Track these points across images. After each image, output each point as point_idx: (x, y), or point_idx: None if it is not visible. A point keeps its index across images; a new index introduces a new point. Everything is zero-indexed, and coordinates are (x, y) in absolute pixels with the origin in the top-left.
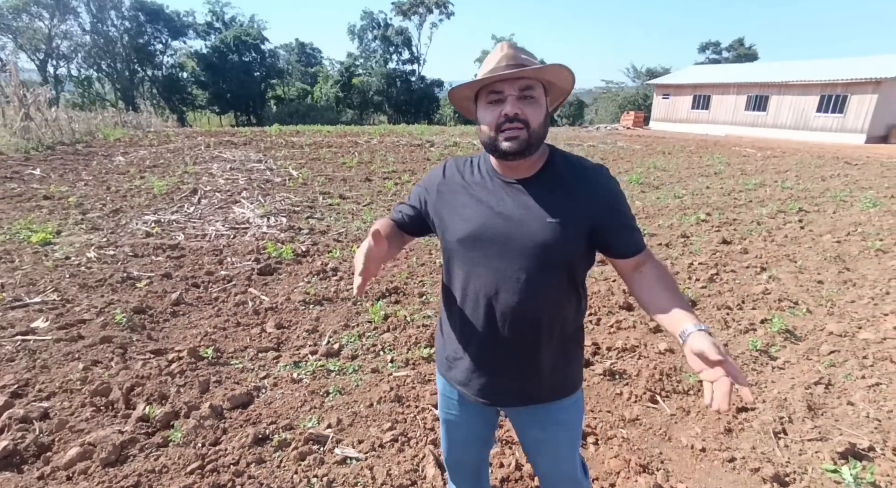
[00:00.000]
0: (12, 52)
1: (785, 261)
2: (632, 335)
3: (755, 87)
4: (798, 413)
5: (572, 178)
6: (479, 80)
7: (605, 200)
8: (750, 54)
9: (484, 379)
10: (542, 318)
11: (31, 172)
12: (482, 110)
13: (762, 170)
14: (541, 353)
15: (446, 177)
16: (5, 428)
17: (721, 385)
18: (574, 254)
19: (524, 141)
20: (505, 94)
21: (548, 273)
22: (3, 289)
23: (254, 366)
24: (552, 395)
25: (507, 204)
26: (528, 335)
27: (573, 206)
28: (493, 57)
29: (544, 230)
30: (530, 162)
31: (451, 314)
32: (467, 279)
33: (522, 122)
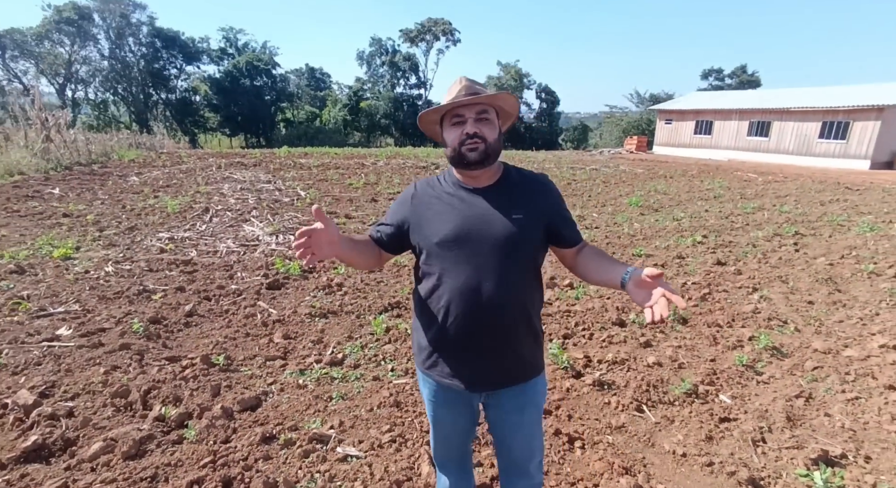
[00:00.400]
0: (34, 76)
1: (777, 282)
2: (622, 349)
3: (757, 113)
4: (777, 423)
5: (524, 185)
6: (445, 105)
7: (551, 200)
8: (753, 81)
9: (471, 366)
10: (516, 304)
11: (51, 191)
12: (447, 131)
13: (762, 195)
14: (518, 336)
15: (418, 192)
16: (34, 425)
17: (659, 302)
18: (536, 244)
19: (483, 152)
20: (465, 116)
21: (518, 263)
22: (29, 300)
23: (262, 373)
24: (529, 374)
25: (475, 208)
26: (507, 320)
27: (529, 205)
28: (454, 88)
29: (510, 226)
30: (490, 173)
31: (432, 314)
32: (448, 277)
33: (481, 138)
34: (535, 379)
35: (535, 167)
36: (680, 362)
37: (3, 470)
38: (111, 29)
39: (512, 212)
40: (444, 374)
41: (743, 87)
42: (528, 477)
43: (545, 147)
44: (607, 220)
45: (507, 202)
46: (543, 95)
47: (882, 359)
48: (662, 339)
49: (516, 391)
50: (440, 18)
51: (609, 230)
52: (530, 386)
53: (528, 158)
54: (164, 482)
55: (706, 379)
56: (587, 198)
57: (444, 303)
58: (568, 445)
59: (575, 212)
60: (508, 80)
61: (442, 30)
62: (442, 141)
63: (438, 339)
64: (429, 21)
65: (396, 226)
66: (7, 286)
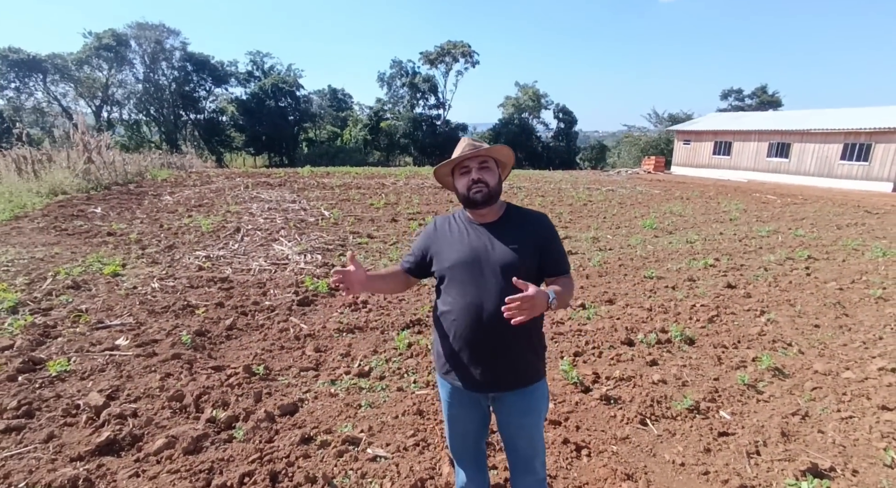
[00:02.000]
0: (73, 99)
1: (785, 305)
2: (629, 367)
3: (776, 135)
4: (772, 438)
5: (523, 221)
6: (453, 159)
7: (545, 235)
8: (773, 101)
9: (479, 369)
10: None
11: (94, 210)
12: (458, 180)
13: (778, 218)
14: (516, 346)
15: (437, 228)
16: (105, 423)
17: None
18: (530, 268)
19: (486, 194)
20: (470, 167)
21: (510, 282)
22: (88, 313)
23: (297, 382)
24: (528, 380)
25: (481, 239)
26: (505, 333)
27: (526, 237)
28: (459, 147)
29: (508, 254)
30: (493, 211)
31: (447, 326)
32: (458, 296)
33: (484, 183)
34: (536, 386)
35: (551, 187)
36: (684, 380)
37: (81, 461)
38: (146, 54)
39: (510, 243)
40: (455, 378)
41: (763, 107)
42: (533, 472)
43: (562, 166)
44: (621, 242)
45: (507, 235)
46: (561, 115)
47: (879, 382)
48: (668, 359)
49: (518, 396)
50: (459, 41)
51: (622, 252)
52: (530, 392)
53: (544, 178)
54: (219, 474)
55: (708, 397)
56: (602, 220)
57: (454, 318)
58: (575, 453)
59: (589, 233)
60: (526, 101)
61: (461, 52)
62: (454, 189)
63: (450, 348)
64: (448, 44)
65: (421, 256)
66: (67, 300)
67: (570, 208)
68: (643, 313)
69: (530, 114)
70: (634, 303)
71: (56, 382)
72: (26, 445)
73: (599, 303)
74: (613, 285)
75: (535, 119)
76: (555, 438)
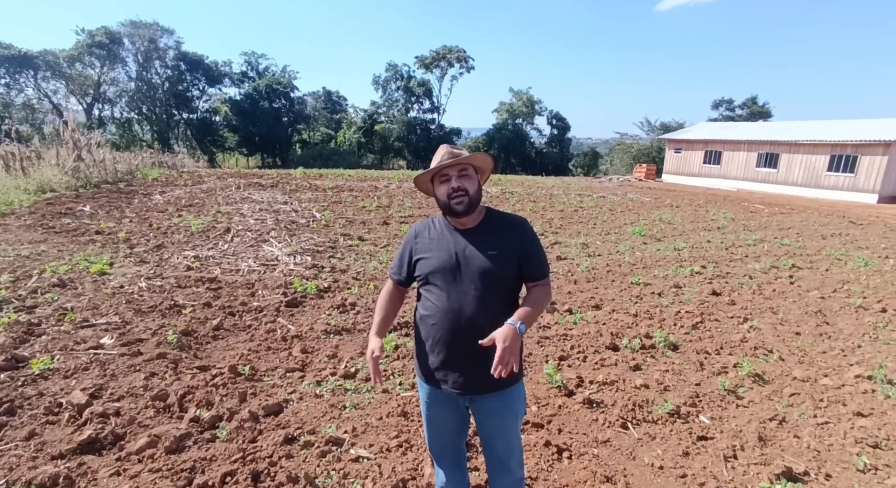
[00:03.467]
0: (63, 96)
1: (768, 313)
2: (613, 371)
3: (766, 145)
4: (750, 442)
5: (503, 226)
6: (434, 168)
7: (523, 240)
8: (763, 112)
9: (457, 372)
10: (491, 323)
11: (82, 209)
12: (437, 188)
13: (765, 227)
14: (494, 349)
15: (417, 235)
16: (87, 421)
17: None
18: (508, 275)
19: (467, 203)
20: (450, 175)
21: (492, 290)
22: (73, 311)
23: (283, 383)
24: (505, 383)
25: (459, 245)
26: (477, 332)
27: (505, 243)
28: (438, 155)
29: (486, 260)
30: (473, 217)
31: (426, 330)
32: (437, 300)
33: (463, 190)
34: (512, 388)
35: (543, 193)
36: (666, 385)
37: (62, 460)
38: (139, 52)
39: (488, 249)
40: (434, 379)
41: (753, 118)
42: (509, 472)
43: (555, 172)
44: (610, 249)
45: (486, 241)
46: (555, 122)
47: (855, 388)
48: (652, 364)
49: (495, 398)
50: (455, 46)
51: (611, 258)
52: (507, 393)
53: (536, 184)
54: (201, 473)
55: (689, 402)
56: (592, 226)
57: (433, 322)
58: (556, 455)
59: (579, 239)
60: (520, 107)
61: (456, 57)
62: (434, 196)
63: (429, 352)
64: (444, 48)
65: (406, 264)
66: (52, 298)
67: (561, 214)
68: (629, 319)
69: (524, 119)
70: (621, 309)
71: (39, 380)
72: (7, 443)
73: (586, 308)
74: (601, 291)
75: (528, 125)
76: (536, 440)
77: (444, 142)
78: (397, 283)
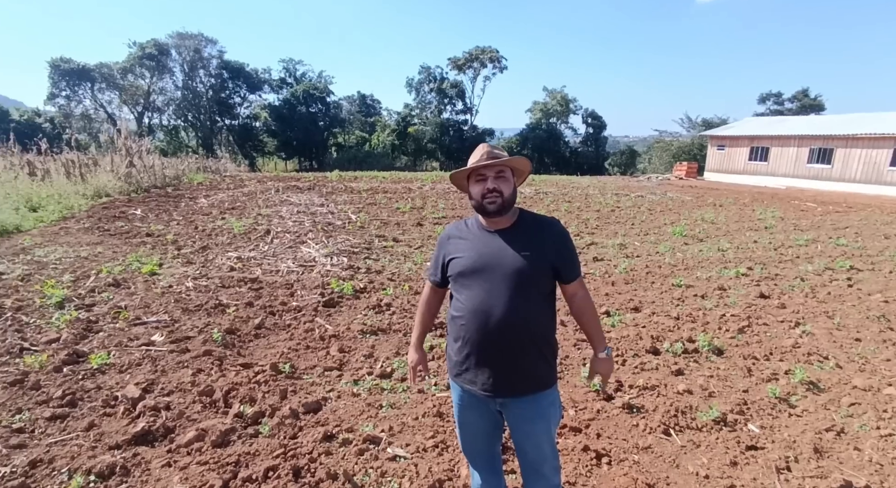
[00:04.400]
0: (117, 106)
1: (823, 317)
2: (654, 376)
3: (818, 140)
4: (805, 454)
5: (536, 226)
6: (471, 167)
7: (556, 241)
8: (815, 105)
9: (486, 373)
10: (522, 325)
11: (134, 212)
12: (472, 186)
13: (818, 226)
14: (524, 353)
15: (450, 236)
16: (140, 414)
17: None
18: (541, 275)
19: (500, 204)
20: (486, 175)
21: (524, 291)
22: (126, 310)
23: (321, 381)
24: (536, 387)
25: (492, 246)
26: (513, 339)
27: (538, 244)
28: (477, 153)
29: (518, 261)
30: (506, 218)
31: (457, 330)
32: (468, 301)
33: (499, 192)
34: (544, 393)
35: (578, 193)
36: (710, 391)
37: (119, 450)
38: (185, 62)
39: (522, 250)
40: (465, 381)
41: (805, 111)
42: (543, 478)
43: (591, 172)
44: (649, 250)
45: (519, 241)
46: (590, 120)
47: None
48: (695, 369)
49: (526, 402)
50: (487, 46)
51: (650, 259)
52: (539, 399)
53: (571, 183)
54: (245, 467)
55: (736, 409)
56: (630, 226)
57: (463, 322)
58: (595, 461)
59: (616, 240)
60: (554, 106)
61: (489, 57)
62: (468, 193)
63: (459, 352)
64: (476, 49)
65: (441, 265)
66: (108, 297)
67: (598, 214)
68: (670, 322)
69: (558, 119)
70: (661, 312)
71: (97, 374)
72: (69, 433)
73: (625, 311)
74: (640, 293)
75: (563, 124)
76: (575, 445)
77: (476, 143)
78: (434, 285)
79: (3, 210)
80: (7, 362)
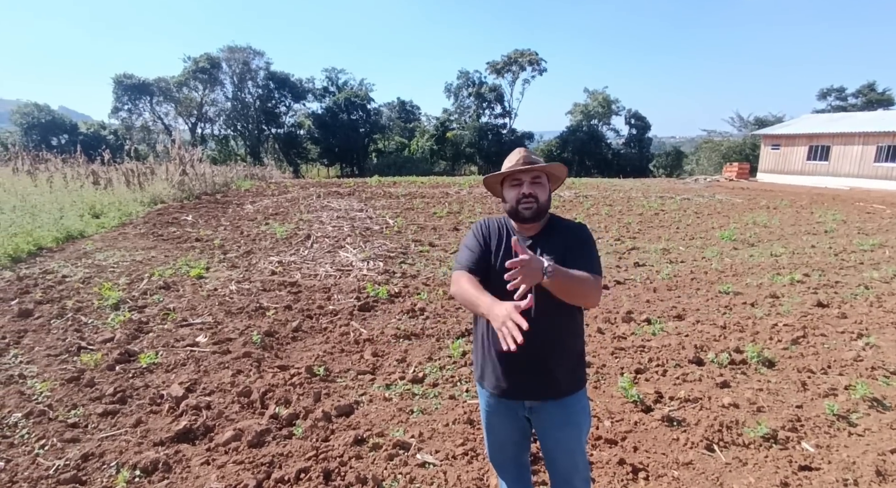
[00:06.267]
0: (173, 117)
1: (890, 328)
2: (696, 387)
3: (887, 137)
4: (865, 476)
5: (563, 232)
6: (507, 170)
7: (577, 240)
8: (884, 100)
9: (509, 380)
10: (548, 330)
11: (185, 218)
12: (507, 190)
13: (886, 230)
14: (550, 357)
15: (488, 230)
16: (183, 413)
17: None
18: None
19: (535, 210)
20: (522, 180)
21: (552, 297)
22: (174, 312)
23: (354, 385)
24: (562, 392)
25: None
26: (538, 343)
27: (564, 249)
28: (514, 157)
29: None
30: (537, 224)
31: (482, 333)
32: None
33: (534, 198)
34: (572, 399)
35: (620, 196)
36: (759, 406)
37: (162, 446)
38: (235, 74)
39: (551, 254)
40: (490, 385)
41: (871, 106)
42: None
43: (634, 174)
44: (695, 254)
45: (547, 246)
46: (633, 121)
47: None
48: (743, 381)
49: (555, 407)
50: (526, 49)
51: (696, 264)
52: (567, 404)
53: (613, 186)
54: (278, 468)
55: (788, 426)
56: (675, 230)
57: (489, 327)
58: (632, 475)
59: (660, 244)
60: (596, 107)
61: (528, 60)
62: (501, 197)
63: (484, 355)
64: (515, 52)
65: (480, 252)
66: (158, 299)
67: (640, 218)
68: (716, 331)
69: (600, 120)
70: (706, 320)
71: (145, 373)
72: (119, 428)
73: (667, 319)
74: (683, 300)
75: (604, 125)
76: (610, 458)
77: (515, 147)
78: (474, 272)
79: (69, 217)
80: (66, 360)
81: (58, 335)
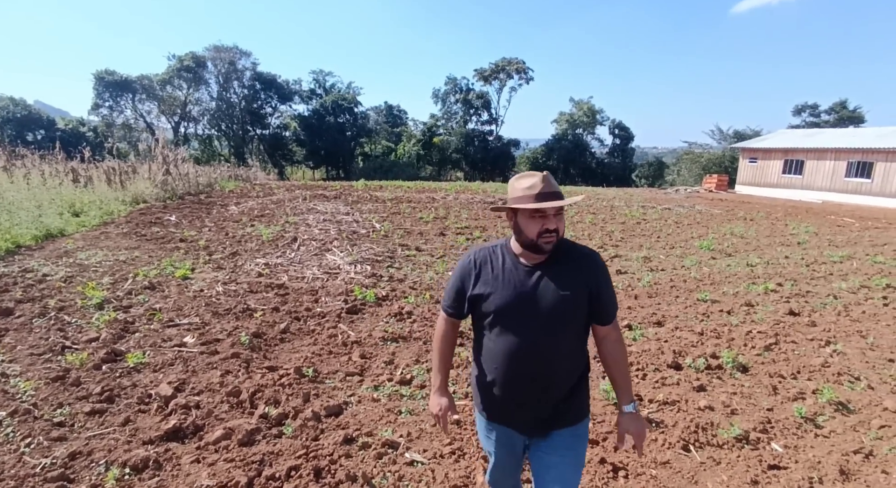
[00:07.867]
0: (155, 116)
1: (856, 336)
2: (675, 391)
3: (857, 153)
4: (829, 475)
5: (575, 260)
6: (542, 206)
7: (596, 278)
8: (855, 117)
9: (514, 415)
10: (558, 369)
11: (169, 218)
12: (526, 219)
13: (854, 243)
14: (558, 395)
15: (477, 266)
16: (172, 412)
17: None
18: (580, 315)
19: (555, 244)
20: (547, 213)
21: (563, 331)
22: (161, 312)
23: (343, 386)
24: (566, 423)
25: (530, 284)
26: (547, 382)
27: (578, 282)
28: (536, 185)
29: (558, 302)
30: None
31: (489, 370)
32: (501, 341)
33: (556, 232)
34: (573, 427)
35: (603, 205)
36: (733, 408)
37: (152, 445)
38: (220, 74)
39: (562, 288)
40: (493, 417)
41: (843, 123)
42: None
43: (617, 183)
44: (674, 263)
45: (558, 278)
46: (617, 131)
47: None
48: (718, 385)
49: (556, 436)
50: (514, 58)
51: (675, 273)
52: (568, 432)
53: (597, 195)
54: (269, 466)
55: (759, 427)
56: (656, 239)
57: (496, 365)
58: (612, 474)
59: (641, 252)
60: (581, 116)
61: (515, 68)
62: (511, 220)
63: (490, 390)
64: (503, 60)
65: (465, 297)
66: (144, 299)
67: (622, 226)
68: (693, 337)
69: (584, 129)
70: (685, 327)
71: (133, 372)
72: (107, 427)
73: (647, 325)
74: (663, 307)
75: (589, 135)
76: (591, 457)
77: (501, 154)
78: (452, 317)
79: (48, 214)
80: (50, 359)
81: (41, 334)
